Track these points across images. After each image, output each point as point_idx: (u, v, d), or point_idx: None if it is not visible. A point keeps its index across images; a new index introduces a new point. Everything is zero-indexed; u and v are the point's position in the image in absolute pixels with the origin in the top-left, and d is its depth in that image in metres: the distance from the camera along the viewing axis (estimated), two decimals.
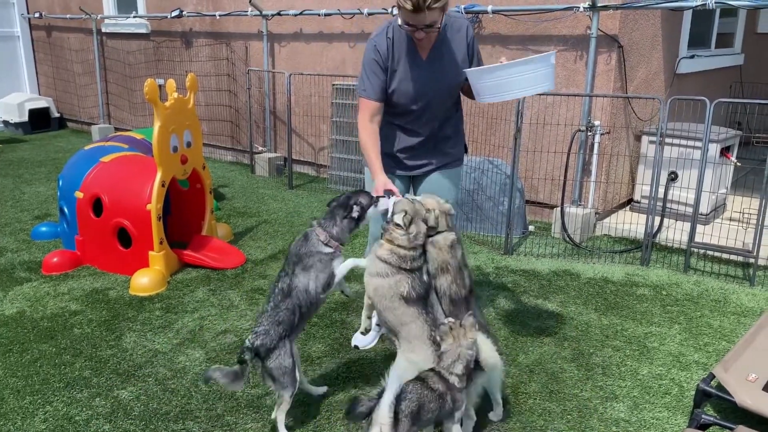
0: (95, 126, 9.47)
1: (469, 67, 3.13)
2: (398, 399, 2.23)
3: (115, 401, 3.08)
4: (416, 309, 2.61)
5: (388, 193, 2.87)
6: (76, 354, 3.50)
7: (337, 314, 3.98)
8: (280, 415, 2.77)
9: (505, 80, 2.83)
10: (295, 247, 2.81)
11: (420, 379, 2.41)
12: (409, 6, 2.78)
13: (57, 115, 10.35)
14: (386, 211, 2.80)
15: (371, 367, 3.39)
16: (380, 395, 2.24)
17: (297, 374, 2.77)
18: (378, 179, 3.00)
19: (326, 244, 2.76)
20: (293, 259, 2.80)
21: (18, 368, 3.35)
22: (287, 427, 2.80)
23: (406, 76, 3.08)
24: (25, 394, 3.13)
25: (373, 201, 2.86)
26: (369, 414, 2.26)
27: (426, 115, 3.20)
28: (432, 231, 2.74)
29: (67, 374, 3.30)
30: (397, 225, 2.64)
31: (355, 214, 2.79)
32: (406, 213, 2.64)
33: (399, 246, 2.63)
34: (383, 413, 2.21)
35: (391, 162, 3.27)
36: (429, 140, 3.27)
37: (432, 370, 2.48)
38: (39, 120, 10.04)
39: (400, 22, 2.96)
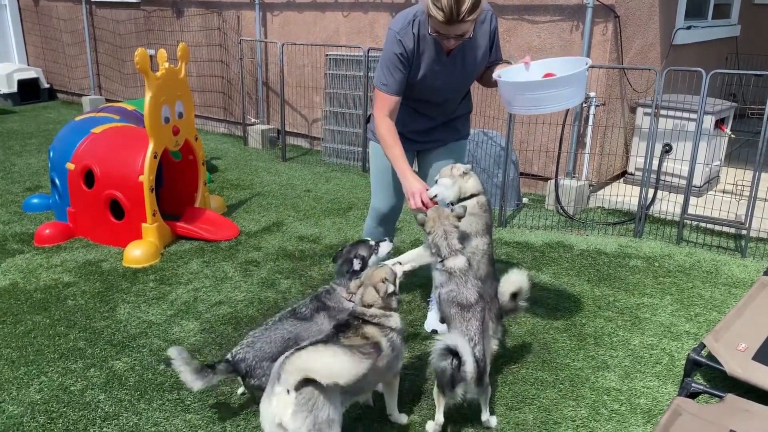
0: (86, 97, 9.36)
1: (490, 56, 3.08)
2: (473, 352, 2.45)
3: (109, 372, 3.09)
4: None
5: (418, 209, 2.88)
6: (70, 325, 3.50)
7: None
8: None
9: (540, 95, 2.75)
10: (322, 295, 2.84)
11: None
12: (441, 18, 2.63)
13: (47, 86, 10.21)
14: (386, 255, 2.93)
15: None
16: (449, 351, 2.40)
17: None
18: (410, 184, 2.89)
19: (350, 300, 2.78)
20: (317, 304, 2.80)
21: (12, 339, 3.35)
22: None
23: (428, 72, 2.99)
24: (19, 364, 3.13)
25: (373, 250, 2.91)
26: (458, 380, 2.44)
27: (443, 105, 3.19)
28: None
29: (61, 345, 3.31)
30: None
31: (357, 267, 2.85)
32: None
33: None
34: (470, 369, 2.41)
35: (402, 137, 3.25)
36: (441, 122, 3.26)
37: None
38: (28, 91, 9.90)
39: (429, 29, 2.80)
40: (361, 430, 2.69)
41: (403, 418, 2.72)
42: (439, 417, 2.58)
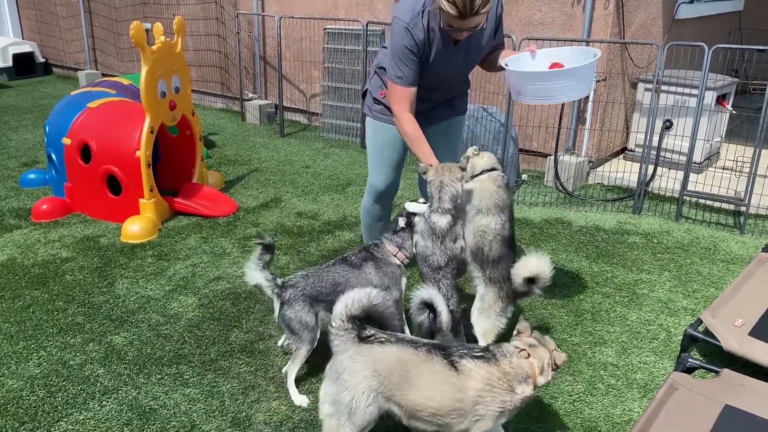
0: (82, 71, 9.26)
1: (493, 40, 3.04)
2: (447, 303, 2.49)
3: (108, 346, 3.10)
4: None
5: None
6: (69, 300, 3.51)
7: None
8: (291, 370, 2.73)
9: (549, 85, 2.74)
10: (371, 248, 2.93)
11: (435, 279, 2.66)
12: (454, 12, 2.59)
13: (42, 60, 10.10)
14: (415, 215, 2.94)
15: None
16: (425, 305, 2.44)
17: (317, 334, 2.71)
18: (424, 158, 2.90)
19: (395, 255, 2.90)
20: (366, 254, 2.87)
21: (10, 314, 3.36)
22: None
23: (436, 61, 2.95)
24: (18, 339, 3.14)
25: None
26: (436, 331, 2.48)
27: (445, 89, 3.18)
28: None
29: (60, 320, 3.31)
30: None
31: (402, 224, 2.92)
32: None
33: None
34: (446, 320, 2.44)
35: None
36: (440, 102, 3.24)
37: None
38: (23, 65, 9.79)
39: (442, 24, 2.75)
40: None
41: None
42: None
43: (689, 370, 2.68)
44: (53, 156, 4.68)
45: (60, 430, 2.54)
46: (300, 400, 2.70)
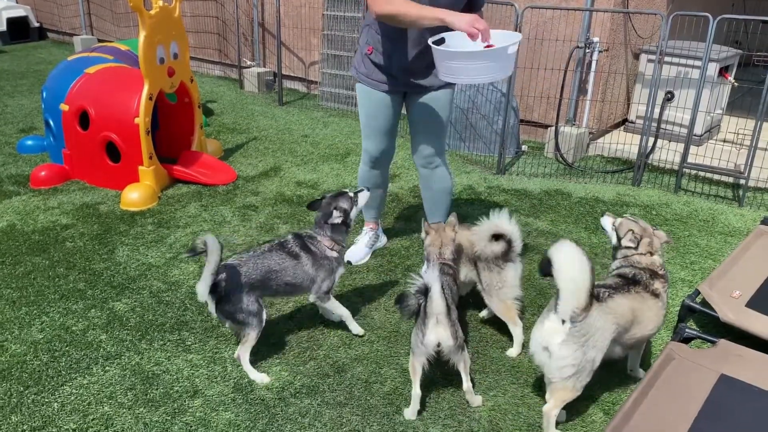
0: (77, 37, 9.13)
1: None
2: (442, 289, 2.39)
3: (110, 313, 3.12)
4: None
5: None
6: (70, 267, 3.51)
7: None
8: (243, 353, 2.69)
9: (464, 66, 2.75)
10: (305, 239, 2.87)
11: (442, 272, 2.57)
12: None
13: (36, 24, 9.94)
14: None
15: (363, 280, 3.44)
16: (422, 290, 2.37)
17: (263, 313, 2.71)
18: (456, 18, 2.73)
19: (332, 250, 2.87)
20: (302, 245, 2.83)
21: (12, 280, 3.37)
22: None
23: None
24: (20, 305, 3.16)
25: (353, 202, 2.92)
26: (419, 309, 2.40)
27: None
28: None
29: (61, 286, 3.32)
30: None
31: (337, 221, 2.87)
32: (633, 232, 2.67)
33: None
34: (438, 304, 2.37)
35: (385, 78, 3.21)
36: (427, 64, 3.11)
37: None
38: (17, 30, 9.64)
39: None
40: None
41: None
42: (416, 389, 2.48)
43: (686, 340, 2.71)
44: (51, 122, 4.64)
45: (64, 394, 2.57)
46: (260, 377, 2.67)
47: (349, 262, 3.59)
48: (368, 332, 3.01)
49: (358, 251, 3.64)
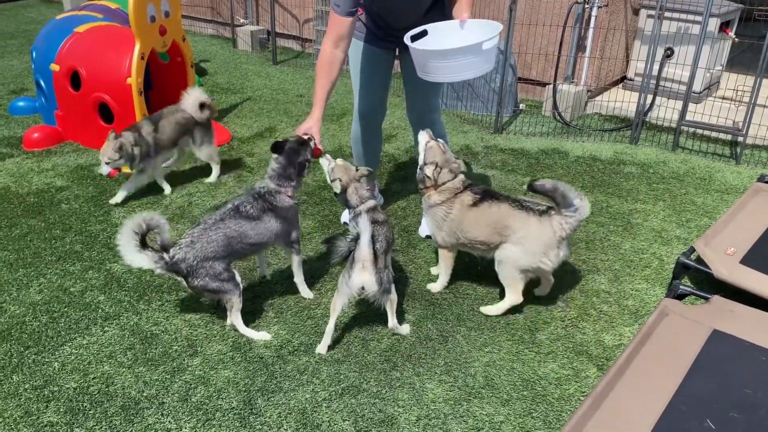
0: None
1: None
2: (372, 239, 2.48)
3: (108, 274, 3.13)
4: None
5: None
6: (66, 229, 3.51)
7: (326, 192, 3.98)
8: (235, 319, 2.71)
9: (445, 64, 2.69)
10: (266, 196, 2.79)
11: (375, 221, 2.62)
12: None
13: None
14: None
15: None
16: (355, 238, 2.48)
17: (237, 277, 2.69)
18: (309, 119, 2.93)
19: (291, 197, 2.85)
20: (264, 204, 2.75)
21: (8, 242, 3.37)
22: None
23: None
24: (18, 266, 3.16)
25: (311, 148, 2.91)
26: (349, 254, 2.51)
27: (400, 16, 3.06)
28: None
29: (58, 248, 3.33)
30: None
31: (305, 174, 2.91)
32: (436, 165, 2.87)
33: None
34: (365, 252, 2.46)
35: (376, 35, 3.17)
36: (414, 14, 3.07)
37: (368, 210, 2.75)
38: None
39: None
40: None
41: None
42: (331, 325, 2.61)
43: (680, 297, 2.73)
44: (42, 83, 4.57)
45: (65, 353, 2.60)
46: (260, 336, 2.70)
47: (345, 223, 3.59)
48: None
49: None
